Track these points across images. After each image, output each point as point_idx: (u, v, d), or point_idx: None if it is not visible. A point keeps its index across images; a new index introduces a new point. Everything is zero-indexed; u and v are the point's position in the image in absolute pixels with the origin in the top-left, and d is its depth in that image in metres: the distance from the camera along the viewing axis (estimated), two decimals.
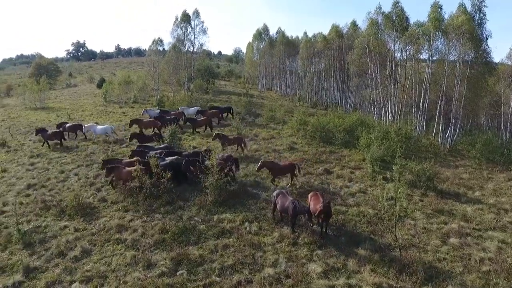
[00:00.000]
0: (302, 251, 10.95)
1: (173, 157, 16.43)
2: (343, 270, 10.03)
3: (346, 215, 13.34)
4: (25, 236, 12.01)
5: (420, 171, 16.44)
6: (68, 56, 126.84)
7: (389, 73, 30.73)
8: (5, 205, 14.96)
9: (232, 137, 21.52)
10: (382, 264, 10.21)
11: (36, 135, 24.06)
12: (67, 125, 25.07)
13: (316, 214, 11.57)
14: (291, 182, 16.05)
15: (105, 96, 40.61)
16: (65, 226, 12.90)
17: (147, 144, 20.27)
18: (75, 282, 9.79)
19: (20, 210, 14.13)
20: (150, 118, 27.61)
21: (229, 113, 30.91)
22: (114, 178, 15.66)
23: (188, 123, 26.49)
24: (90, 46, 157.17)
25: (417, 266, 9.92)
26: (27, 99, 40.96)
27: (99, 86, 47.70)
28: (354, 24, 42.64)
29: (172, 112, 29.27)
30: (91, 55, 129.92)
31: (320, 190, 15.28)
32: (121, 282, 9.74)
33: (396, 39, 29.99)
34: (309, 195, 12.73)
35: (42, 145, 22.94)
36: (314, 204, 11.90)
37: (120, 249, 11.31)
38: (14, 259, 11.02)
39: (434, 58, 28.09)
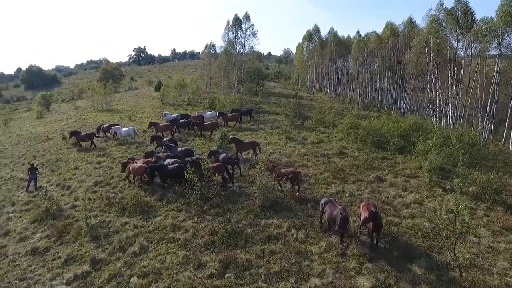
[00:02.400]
0: (351, 263, 10.63)
1: (172, 160, 17.65)
2: (395, 287, 9.55)
3: (400, 227, 12.65)
4: (92, 230, 13.34)
5: (486, 182, 14.97)
6: (130, 60, 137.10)
7: (450, 73, 28.42)
8: (77, 200, 16.76)
9: (247, 141, 21.62)
10: (439, 284, 9.50)
11: (69, 137, 27.37)
12: (104, 126, 28.53)
13: (361, 223, 11.18)
14: (298, 191, 15.50)
15: (161, 99, 43.29)
16: (126, 223, 14.01)
17: (172, 145, 21.19)
18: (133, 276, 10.59)
19: (89, 206, 15.66)
20: (167, 122, 29.00)
21: (250, 116, 31.22)
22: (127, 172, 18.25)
23: (196, 127, 27.35)
24: (150, 50, 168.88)
25: None
26: (95, 102, 45.26)
27: (157, 89, 50.92)
28: (411, 21, 40.16)
29: (192, 116, 30.31)
30: (150, 59, 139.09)
31: (371, 199, 14.75)
32: (174, 280, 10.33)
33: (460, 37, 27.62)
34: (361, 205, 12.30)
35: (80, 146, 25.97)
36: (365, 214, 11.49)
37: (173, 248, 11.99)
38: (83, 251, 12.28)
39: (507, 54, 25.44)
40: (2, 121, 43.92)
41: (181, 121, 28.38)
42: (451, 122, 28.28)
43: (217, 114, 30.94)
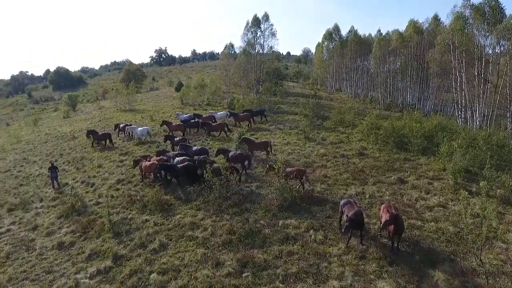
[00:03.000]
0: (371, 266, 10.43)
1: (181, 158, 18.19)
2: None
3: (422, 231, 12.28)
4: (114, 226, 13.76)
5: None
6: (152, 61, 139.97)
7: (477, 72, 27.32)
8: (100, 197, 17.30)
9: (258, 141, 21.50)
10: None
11: (87, 136, 28.59)
12: (121, 125, 29.49)
13: (381, 226, 10.96)
14: (303, 189, 15.43)
15: (182, 99, 43.98)
16: (146, 220, 14.33)
17: (187, 144, 21.62)
18: (153, 272, 10.81)
19: (111, 203, 16.13)
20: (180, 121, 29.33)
21: (262, 116, 31.06)
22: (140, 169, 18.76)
23: (205, 127, 27.45)
24: (170, 51, 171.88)
25: None
26: (118, 102, 46.53)
27: (177, 89, 51.79)
28: (436, 18, 38.90)
29: (203, 117, 30.44)
30: (171, 60, 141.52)
31: (392, 201, 14.40)
32: (192, 277, 10.47)
33: (487, 34, 26.51)
34: (382, 207, 12.03)
35: (92, 145, 26.87)
36: (386, 216, 11.23)
37: (192, 246, 12.16)
38: (106, 246, 12.67)
39: None
40: (32, 121, 45.93)
41: (191, 121, 28.86)
42: (477, 123, 27.19)
43: (228, 114, 31.22)
